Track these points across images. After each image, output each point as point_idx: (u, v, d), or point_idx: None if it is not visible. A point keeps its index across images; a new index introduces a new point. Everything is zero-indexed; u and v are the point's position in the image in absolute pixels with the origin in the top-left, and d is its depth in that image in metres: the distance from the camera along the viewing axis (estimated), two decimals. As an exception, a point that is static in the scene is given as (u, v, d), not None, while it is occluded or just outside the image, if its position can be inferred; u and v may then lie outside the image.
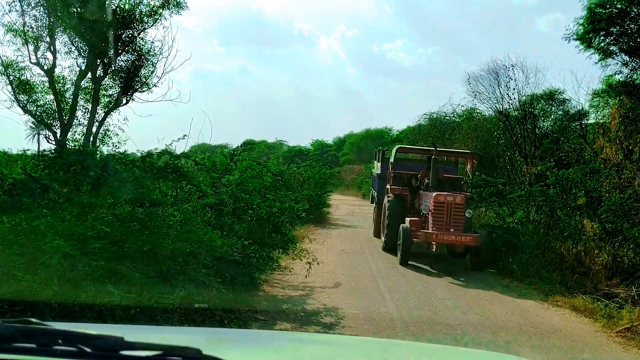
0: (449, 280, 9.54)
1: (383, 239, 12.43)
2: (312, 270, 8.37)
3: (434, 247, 10.47)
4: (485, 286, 9.12)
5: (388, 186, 12.95)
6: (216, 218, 7.84)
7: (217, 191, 8.13)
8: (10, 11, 13.65)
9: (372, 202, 16.32)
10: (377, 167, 15.28)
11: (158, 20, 14.83)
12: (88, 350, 1.06)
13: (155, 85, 15.13)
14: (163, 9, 14.56)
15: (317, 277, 8.69)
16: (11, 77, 14.12)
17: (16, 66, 14.31)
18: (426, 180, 11.92)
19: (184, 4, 14.74)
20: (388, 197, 12.55)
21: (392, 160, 13.00)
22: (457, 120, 23.37)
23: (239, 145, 11.78)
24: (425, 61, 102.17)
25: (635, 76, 13.19)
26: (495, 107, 18.90)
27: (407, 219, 11.29)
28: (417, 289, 8.54)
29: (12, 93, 14.19)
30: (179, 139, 8.07)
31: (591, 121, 16.97)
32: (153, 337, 1.82)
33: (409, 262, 10.69)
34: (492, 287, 9.13)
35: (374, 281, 9.04)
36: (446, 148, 22.22)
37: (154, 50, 15.05)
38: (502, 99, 18.43)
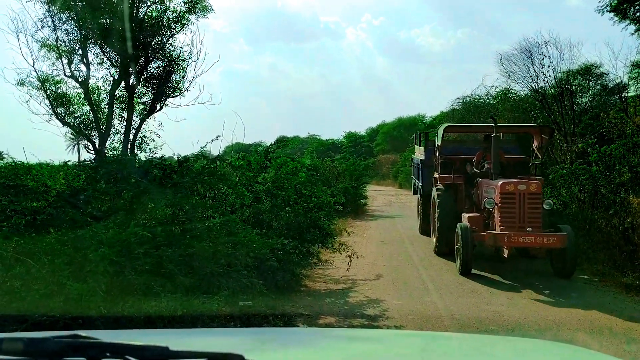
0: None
1: (434, 240, 10.35)
2: (353, 262, 8.38)
3: (506, 252, 8.30)
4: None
5: (436, 175, 10.80)
6: (254, 216, 7.92)
7: (254, 190, 8.21)
8: (42, 27, 14.09)
9: (415, 194, 14.52)
10: (419, 153, 13.54)
11: (185, 25, 15.08)
12: None
13: (187, 90, 15.40)
14: (189, 14, 14.79)
15: (358, 270, 8.69)
16: (48, 91, 14.59)
17: (52, 80, 14.78)
18: (486, 165, 9.78)
19: (209, 7, 14.94)
20: (437, 188, 10.38)
21: (438, 142, 10.74)
22: (491, 102, 22.90)
23: (272, 142, 11.80)
24: (455, 44, 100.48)
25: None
26: (531, 86, 18.41)
27: (465, 216, 9.18)
28: (461, 277, 8.43)
29: (50, 106, 14.66)
30: (212, 141, 8.22)
31: (631, 94, 16.37)
32: (198, 341, 1.85)
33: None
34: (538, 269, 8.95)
35: (415, 270, 8.98)
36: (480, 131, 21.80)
37: (183, 55, 15.31)
38: (537, 77, 17.94)
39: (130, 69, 14.59)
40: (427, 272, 8.83)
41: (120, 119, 15.56)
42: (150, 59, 14.95)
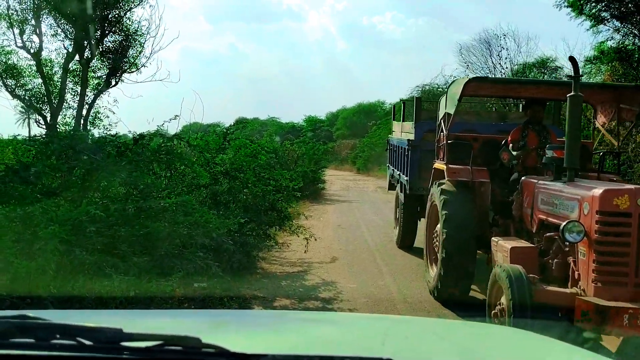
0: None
1: (431, 274, 6.67)
2: (310, 245, 8.42)
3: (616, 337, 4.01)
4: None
5: (439, 165, 6.80)
6: (212, 197, 7.84)
7: (211, 171, 8.12)
8: (-8, -6, 13.42)
9: (390, 189, 10.83)
10: (401, 131, 9.69)
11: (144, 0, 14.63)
12: (88, 343, 1.06)
13: (143, 66, 15.01)
14: (148, -13, 14.34)
15: (314, 253, 8.74)
16: (-3, 62, 13.95)
17: (2, 51, 14.13)
18: (543, 152, 5.67)
19: (169, -19, 14.52)
20: (442, 188, 6.34)
21: (449, 111, 6.57)
22: (443, 91, 23.26)
23: (232, 124, 11.68)
24: (416, 33, 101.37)
25: (627, 42, 13.13)
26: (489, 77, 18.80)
27: (506, 245, 5.14)
28: (415, 262, 8.60)
29: (0, 78, 14.03)
30: (170, 120, 8.04)
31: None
32: (153, 323, 1.82)
33: None
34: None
35: (370, 254, 9.10)
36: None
37: (141, 29, 14.89)
38: (495, 68, 18.39)
39: (85, 42, 14.09)
40: (382, 256, 8.97)
41: (73, 93, 15.07)
42: (107, 32, 14.48)
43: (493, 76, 18.03)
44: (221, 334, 1.62)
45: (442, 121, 6.85)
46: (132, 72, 14.97)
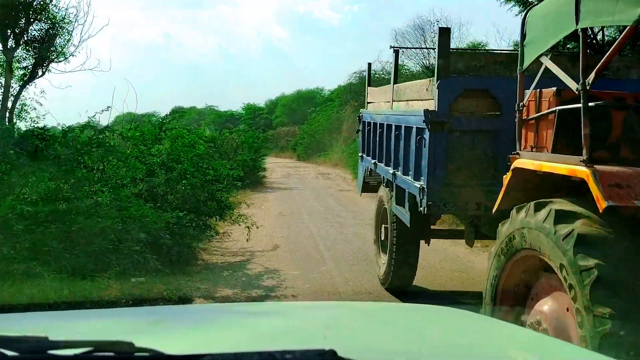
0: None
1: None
2: (251, 234, 8.39)
3: None
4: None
5: (551, 163, 3.25)
6: (148, 191, 7.66)
7: (147, 162, 7.92)
8: None
9: (366, 191, 7.94)
10: (402, 97, 6.00)
11: (70, -16, 13.97)
12: (10, 354, 1.01)
13: (72, 55, 14.33)
14: (74, -28, 13.69)
15: (256, 242, 8.71)
16: None
17: None
18: None
19: (96, -34, 13.92)
20: (568, 229, 2.76)
21: (554, 39, 3.52)
22: (386, 77, 23.59)
23: (168, 113, 11.39)
24: (352, 19, 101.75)
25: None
26: (423, 62, 19.21)
27: None
28: (355, 245, 8.74)
29: None
30: (102, 111, 7.76)
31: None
32: (86, 326, 1.74)
33: None
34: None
35: (312, 241, 9.17)
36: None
37: (69, 17, 14.20)
38: (429, 54, 18.74)
39: (9, 31, 13.32)
40: (324, 241, 9.05)
41: (-4, 84, 14.21)
42: (32, 20, 13.73)
43: (427, 62, 18.45)
44: (159, 333, 1.57)
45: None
46: (60, 61, 14.27)
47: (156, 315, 2.03)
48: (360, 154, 7.93)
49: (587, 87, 3.03)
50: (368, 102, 7.90)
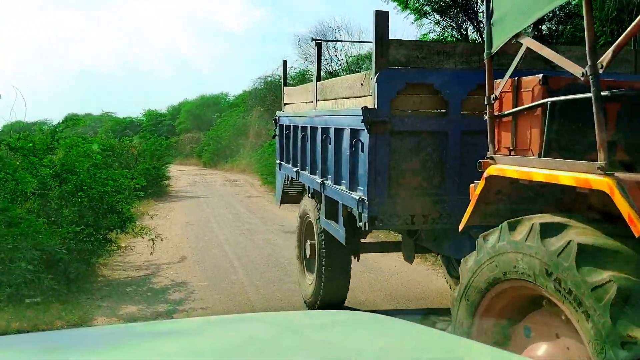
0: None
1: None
2: (157, 246, 8.07)
3: None
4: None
5: (542, 171, 2.62)
6: (41, 205, 7.14)
7: (39, 175, 7.37)
8: None
9: (287, 202, 7.16)
10: (331, 95, 5.22)
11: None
12: None
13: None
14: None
15: (161, 254, 8.39)
16: None
17: None
18: None
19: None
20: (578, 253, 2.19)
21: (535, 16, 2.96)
22: (291, 82, 23.75)
23: (61, 121, 10.69)
24: (256, 24, 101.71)
25: (446, 34, 14.43)
26: (326, 68, 19.51)
27: None
28: (266, 252, 8.67)
29: None
30: (-16, 121, 7.14)
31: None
32: None
33: None
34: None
35: (221, 249, 8.98)
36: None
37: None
38: (331, 60, 19.09)
39: None
40: (233, 250, 8.90)
41: None
42: None
43: (330, 68, 18.76)
44: None
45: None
46: None
47: (52, 341, 1.87)
48: (278, 161, 7.17)
49: (600, 71, 2.34)
50: (285, 104, 7.24)
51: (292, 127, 6.39)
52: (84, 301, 6.04)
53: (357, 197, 4.15)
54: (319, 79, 5.78)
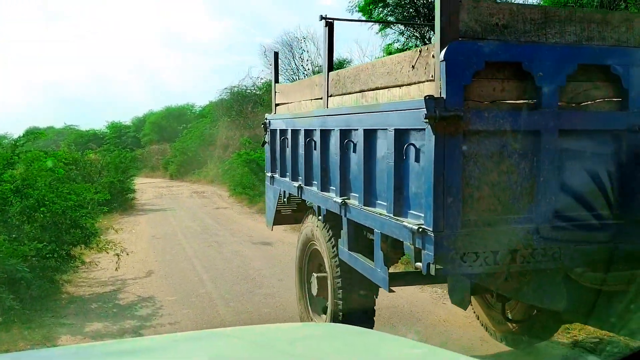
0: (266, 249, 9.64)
1: None
2: (122, 261, 7.91)
3: None
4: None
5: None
6: (1, 221, 6.92)
7: (-2, 190, 7.16)
8: None
9: (280, 223, 6.38)
10: (365, 74, 3.86)
11: None
12: None
13: None
14: None
15: (127, 269, 8.23)
16: None
17: None
18: None
19: None
20: None
21: None
22: (258, 93, 23.72)
23: (21, 135, 10.41)
24: (221, 35, 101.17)
25: (410, 44, 14.66)
26: (292, 78, 19.57)
27: None
28: (235, 264, 8.59)
29: None
30: (-61, 135, 6.90)
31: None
32: None
33: None
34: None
35: (189, 263, 8.86)
36: (249, 121, 22.25)
37: None
38: (298, 70, 19.16)
39: None
40: (201, 262, 8.79)
41: None
42: None
43: (295, 78, 18.80)
44: None
45: None
46: None
47: None
48: (268, 174, 6.17)
49: None
50: (277, 104, 6.24)
51: (289, 131, 5.36)
52: (48, 319, 5.87)
53: (413, 226, 2.91)
54: (330, 68, 4.58)
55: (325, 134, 4.42)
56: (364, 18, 13.69)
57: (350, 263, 4.05)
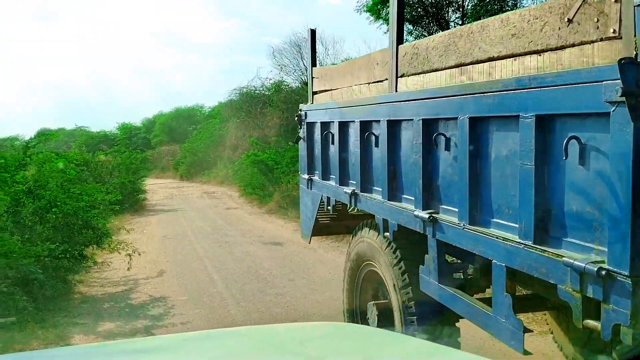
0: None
1: None
2: (133, 261, 7.96)
3: None
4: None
5: None
6: (14, 222, 6.99)
7: (11, 191, 7.22)
8: None
9: (320, 233, 5.58)
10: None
11: None
12: None
13: None
14: None
15: (139, 269, 8.28)
16: None
17: None
18: None
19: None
20: None
21: None
22: (267, 93, 23.77)
23: (33, 136, 10.51)
24: (227, 36, 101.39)
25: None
26: (301, 78, 19.58)
27: None
28: (245, 264, 8.61)
29: None
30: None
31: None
32: None
33: None
34: (314, 248, 9.60)
35: (200, 263, 8.89)
36: (258, 121, 22.25)
37: None
38: (306, 70, 19.16)
39: None
40: (212, 263, 8.82)
41: None
42: None
43: (303, 78, 18.76)
44: None
45: None
46: None
47: None
48: (304, 176, 5.30)
49: None
50: (316, 92, 5.33)
51: (335, 124, 4.44)
52: (61, 319, 5.92)
53: (586, 265, 1.95)
54: (400, 41, 3.64)
55: (395, 125, 3.47)
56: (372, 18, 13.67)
57: (443, 301, 3.09)
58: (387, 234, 3.58)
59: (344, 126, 4.32)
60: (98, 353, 1.98)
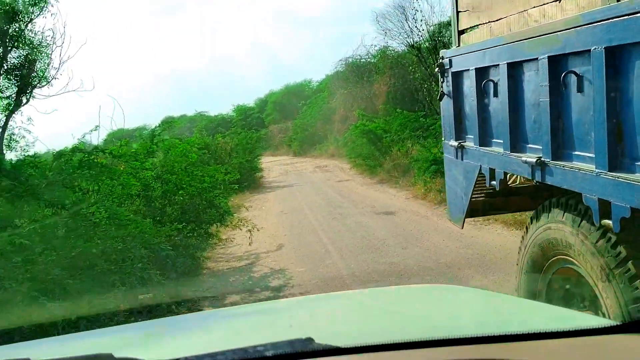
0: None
1: None
2: (254, 236, 8.39)
3: None
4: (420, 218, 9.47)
5: None
6: (145, 205, 7.66)
7: (142, 177, 7.91)
8: None
9: (474, 215, 4.43)
10: None
11: (45, 8, 13.89)
12: None
13: (54, 78, 14.27)
14: (46, -5, 13.60)
15: (260, 244, 8.72)
16: None
17: None
18: None
19: (67, -13, 13.83)
20: None
21: None
22: (372, 61, 23.55)
23: (158, 124, 11.34)
24: (330, 6, 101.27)
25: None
26: (407, 41, 19.11)
27: None
28: (359, 235, 8.74)
29: None
30: (91, 131, 7.73)
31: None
32: (90, 342, 1.79)
33: None
34: (427, 216, 9.49)
35: (316, 236, 9.16)
36: (365, 91, 22.09)
37: (46, 40, 14.14)
38: (412, 32, 18.63)
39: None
40: (327, 235, 9.05)
41: (-18, 117, 14.17)
42: (9, 48, 13.68)
43: (409, 41, 18.27)
44: (148, 344, 1.61)
45: None
46: (43, 86, 14.21)
47: (154, 327, 2.08)
48: (452, 143, 4.33)
49: None
50: (462, 31, 4.26)
51: (503, 67, 3.29)
52: (191, 293, 6.43)
53: None
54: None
55: (621, 55, 2.27)
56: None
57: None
58: (607, 221, 2.43)
59: (516, 69, 3.20)
60: (209, 317, 2.20)
